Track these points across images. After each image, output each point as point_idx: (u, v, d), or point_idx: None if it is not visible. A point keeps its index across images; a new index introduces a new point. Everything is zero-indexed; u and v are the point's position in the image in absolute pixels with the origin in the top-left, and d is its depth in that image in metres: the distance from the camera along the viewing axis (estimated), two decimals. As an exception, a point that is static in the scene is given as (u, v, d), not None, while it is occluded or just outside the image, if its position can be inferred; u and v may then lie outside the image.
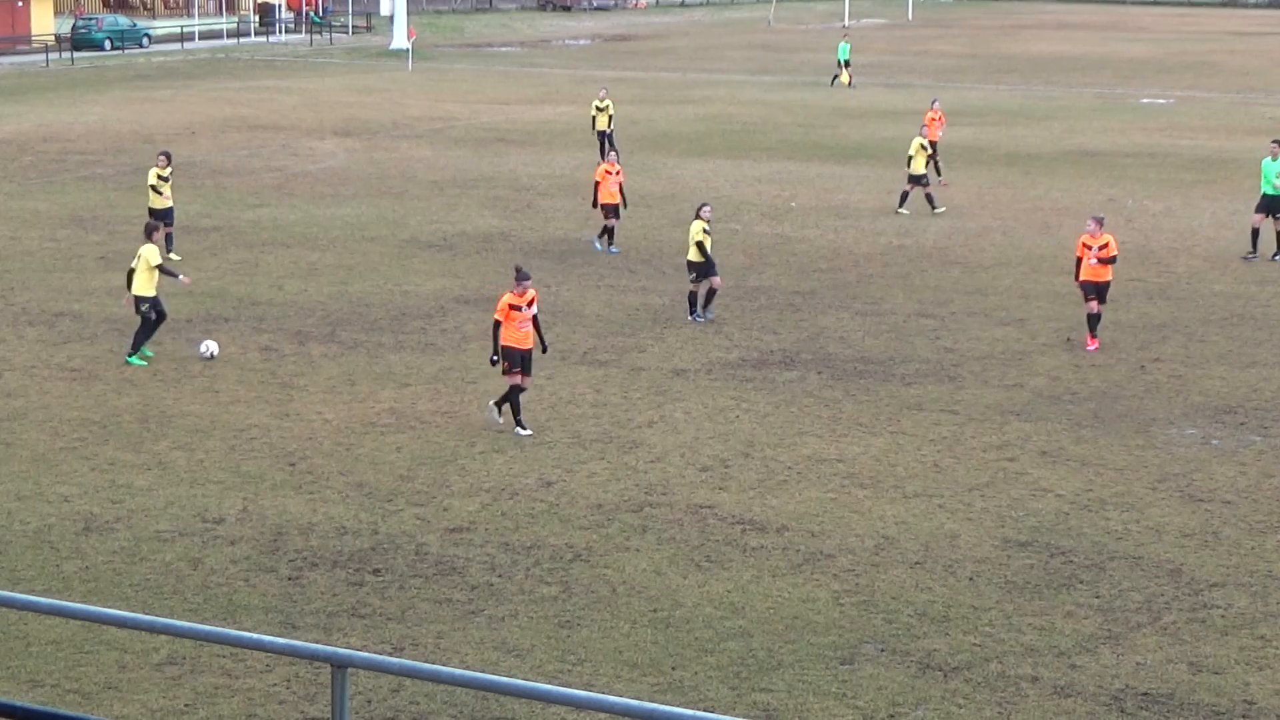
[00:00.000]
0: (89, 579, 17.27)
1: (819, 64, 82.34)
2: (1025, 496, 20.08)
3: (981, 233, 37.40)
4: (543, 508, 19.49)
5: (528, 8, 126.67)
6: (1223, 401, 24.22)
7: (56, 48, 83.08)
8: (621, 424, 22.78)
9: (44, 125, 55.32)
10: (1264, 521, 19.34)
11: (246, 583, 17.23)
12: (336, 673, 7.00)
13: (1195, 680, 15.24)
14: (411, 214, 39.00)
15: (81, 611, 8.01)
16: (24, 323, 28.28)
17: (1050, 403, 24.05)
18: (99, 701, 14.50)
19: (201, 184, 43.11)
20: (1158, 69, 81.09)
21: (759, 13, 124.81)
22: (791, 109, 62.31)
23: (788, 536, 18.64)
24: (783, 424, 22.81)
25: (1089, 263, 26.96)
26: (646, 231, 37.03)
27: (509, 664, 15.37)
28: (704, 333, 27.87)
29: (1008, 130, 55.91)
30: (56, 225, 37.19)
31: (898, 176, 45.27)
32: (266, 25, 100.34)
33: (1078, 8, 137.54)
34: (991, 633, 16.20)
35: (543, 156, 48.74)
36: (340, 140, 52.05)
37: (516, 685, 7.99)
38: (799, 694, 14.87)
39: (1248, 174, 46.11)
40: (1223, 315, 29.50)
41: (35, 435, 22.10)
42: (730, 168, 46.86)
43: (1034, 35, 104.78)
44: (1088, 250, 27.00)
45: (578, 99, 65.00)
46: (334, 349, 26.57)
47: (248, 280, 31.66)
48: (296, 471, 20.71)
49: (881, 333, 28.09)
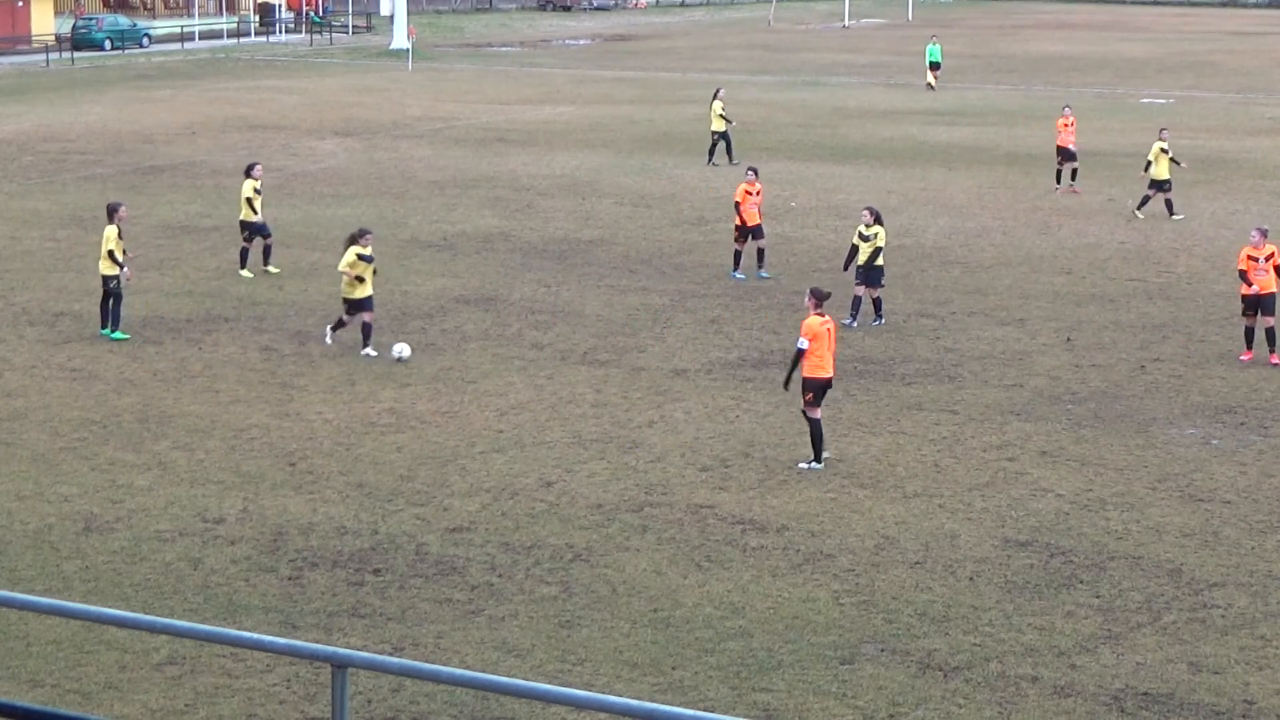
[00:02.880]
0: (89, 579, 17.27)
1: (819, 64, 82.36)
2: (1025, 496, 20.08)
3: (981, 233, 37.39)
4: (543, 508, 19.49)
5: (528, 8, 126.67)
6: (1223, 401, 24.22)
7: (57, 48, 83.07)
8: (621, 424, 22.78)
9: (44, 125, 55.32)
10: (1264, 521, 19.34)
11: (246, 583, 17.23)
12: (336, 673, 7.00)
13: (1195, 680, 15.24)
14: (411, 214, 39.00)
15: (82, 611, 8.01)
16: (24, 323, 28.29)
17: (1050, 403, 24.05)
18: (99, 701, 14.51)
19: (201, 184, 43.11)
20: (1158, 69, 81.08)
21: (759, 13, 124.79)
22: (791, 109, 62.30)
23: (788, 536, 18.64)
24: (783, 424, 22.80)
25: (1256, 275, 25.83)
26: (646, 231, 37.03)
27: (509, 664, 15.38)
28: (704, 333, 27.88)
29: (1008, 130, 55.90)
30: (56, 225, 37.18)
31: (898, 176, 45.32)
32: (266, 25, 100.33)
33: (1078, 8, 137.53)
34: (991, 633, 16.21)
35: (543, 156, 48.73)
36: (340, 140, 52.04)
37: (516, 685, 7.99)
38: (799, 694, 14.87)
39: (1248, 174, 46.17)
40: (1223, 315, 29.48)
41: (35, 435, 22.10)
42: (730, 168, 46.83)
43: (1034, 35, 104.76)
44: (1254, 263, 25.86)
45: (578, 99, 65.04)
46: (334, 349, 26.57)
47: (248, 280, 31.66)
48: (296, 471, 20.71)
49: (881, 333, 28.09)
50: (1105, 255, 34.81)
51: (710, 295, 30.72)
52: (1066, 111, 43.38)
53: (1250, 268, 25.99)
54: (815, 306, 20.97)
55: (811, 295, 21.19)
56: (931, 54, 70.61)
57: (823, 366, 20.81)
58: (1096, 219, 39.02)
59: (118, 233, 27.18)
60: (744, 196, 31.92)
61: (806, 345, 20.66)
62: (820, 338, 20.75)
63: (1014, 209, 40.48)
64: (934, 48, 70.88)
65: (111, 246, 27.01)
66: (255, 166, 32.53)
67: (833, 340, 21.07)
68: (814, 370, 20.78)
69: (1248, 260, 26.08)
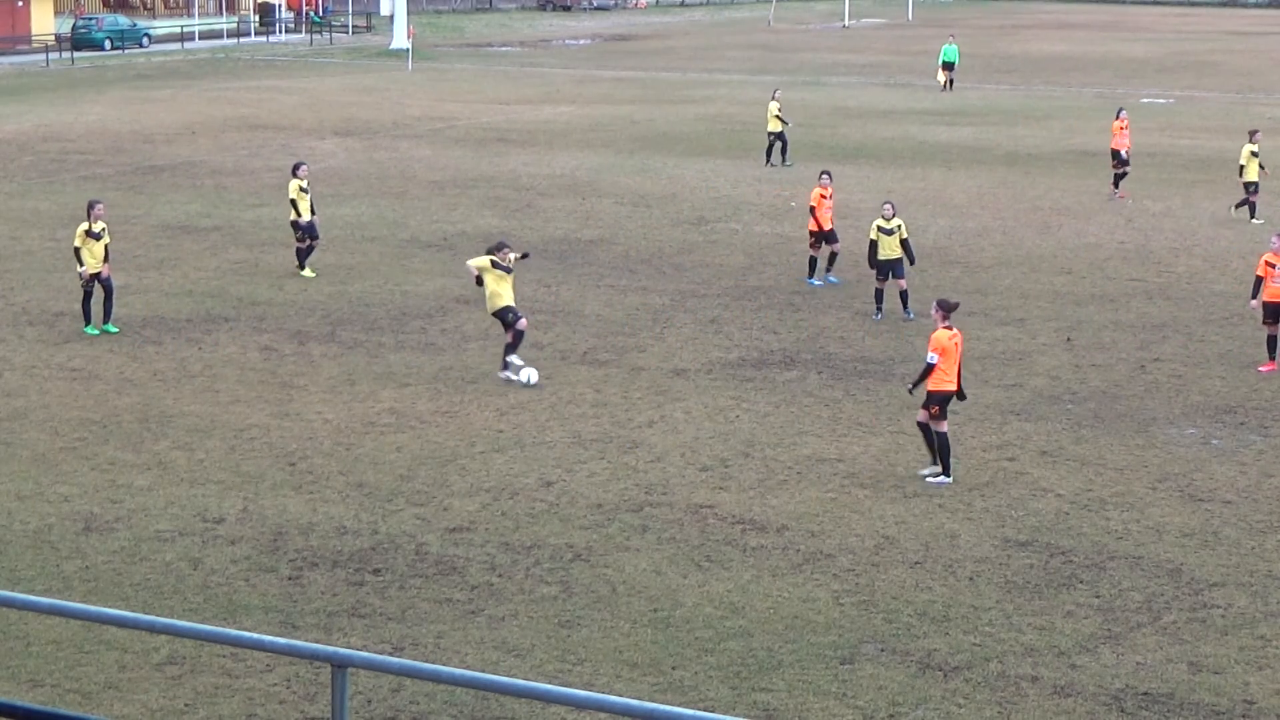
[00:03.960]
0: (89, 579, 17.27)
1: (819, 64, 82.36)
2: (1025, 496, 20.08)
3: (981, 233, 37.40)
4: (543, 508, 19.49)
5: (528, 8, 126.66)
6: (1223, 401, 24.22)
7: (56, 47, 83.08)
8: (621, 424, 22.78)
9: (44, 125, 55.32)
10: (1264, 521, 19.34)
11: (246, 583, 17.23)
12: (336, 673, 7.00)
13: (1195, 680, 15.24)
14: (411, 214, 39.00)
15: (82, 611, 8.01)
16: (24, 323, 28.29)
17: (1050, 403, 24.05)
18: (99, 701, 14.50)
19: (201, 184, 43.12)
20: (1158, 69, 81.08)
21: (759, 13, 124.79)
22: (791, 109, 62.23)
23: (788, 536, 18.64)
24: (783, 424, 22.81)
25: (1272, 283, 25.45)
26: (646, 231, 37.04)
27: (509, 664, 15.38)
28: (704, 333, 27.88)
29: (1008, 130, 55.91)
30: (56, 225, 37.17)
31: (898, 176, 45.32)
32: (266, 25, 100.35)
33: (1078, 8, 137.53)
34: (991, 633, 16.21)
35: (543, 156, 48.73)
36: (340, 140, 52.04)
37: (516, 685, 7.99)
38: (799, 694, 14.87)
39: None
40: (1223, 315, 29.49)
41: (35, 435, 22.10)
42: (730, 168, 46.86)
43: (1034, 35, 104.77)
44: (1271, 270, 25.45)
45: (578, 99, 65.04)
46: (334, 349, 26.57)
47: (248, 280, 31.67)
48: (296, 471, 20.71)
49: (881, 333, 28.10)
50: (1105, 255, 34.81)
51: (710, 295, 30.72)
52: (1122, 115, 42.54)
53: (1269, 274, 25.57)
54: (943, 319, 20.33)
55: (939, 307, 20.53)
56: (947, 54, 70.23)
57: (949, 380, 20.24)
58: (1096, 219, 39.02)
59: (86, 231, 27.25)
60: (819, 201, 31.38)
61: (936, 360, 20.11)
62: (948, 352, 20.14)
63: (1014, 209, 40.48)
64: (950, 48, 70.53)
65: (78, 244, 27.28)
66: (301, 166, 32.59)
67: (959, 353, 20.42)
68: (939, 383, 20.23)
69: (1266, 267, 25.64)
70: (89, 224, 27.29)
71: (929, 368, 20.25)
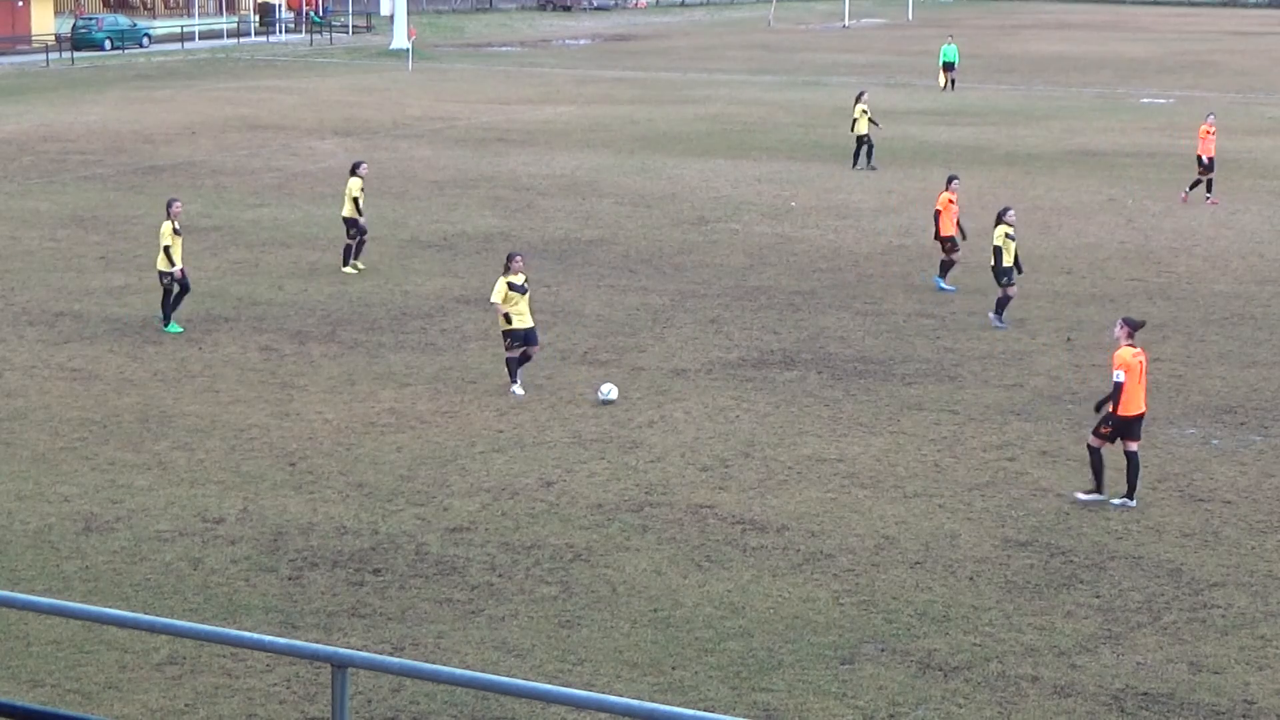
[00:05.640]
0: (89, 579, 17.27)
1: (819, 64, 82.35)
2: (1025, 496, 20.08)
3: (982, 233, 37.32)
4: (543, 508, 19.49)
5: (528, 8, 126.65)
6: (1223, 401, 24.21)
7: (57, 47, 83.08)
8: (621, 424, 22.78)
9: (44, 125, 55.33)
10: (1264, 521, 19.34)
11: (246, 583, 17.23)
12: (336, 673, 7.00)
13: (1195, 680, 15.24)
14: (411, 214, 39.01)
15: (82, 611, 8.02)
16: (24, 323, 28.29)
17: (1050, 403, 24.05)
18: (99, 701, 14.50)
19: (201, 184, 43.12)
20: (1158, 69, 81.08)
21: (759, 13, 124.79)
22: (791, 109, 62.30)
23: (788, 536, 18.64)
24: (783, 424, 22.81)
25: None
26: (646, 231, 37.03)
27: (509, 664, 15.38)
28: (704, 333, 27.88)
29: (1008, 130, 55.90)
30: (56, 225, 37.19)
31: (898, 176, 45.30)
32: (266, 25, 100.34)
33: (1078, 8, 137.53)
34: (991, 633, 16.21)
35: (543, 156, 48.73)
36: (340, 140, 52.04)
37: (516, 685, 7.99)
38: (799, 694, 14.87)
39: (1247, 174, 46.15)
40: (1223, 315, 29.49)
41: (35, 435, 22.10)
42: (730, 168, 46.86)
43: (1034, 35, 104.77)
44: None
45: (578, 99, 65.03)
46: (334, 349, 26.58)
47: (248, 280, 31.67)
48: (296, 471, 20.71)
49: (881, 333, 28.09)
50: (1105, 255, 34.81)
51: (710, 295, 30.72)
52: (1210, 119, 41.41)
53: None
54: (1128, 337, 19.53)
55: (1124, 324, 19.69)
56: (946, 54, 70.09)
57: (1134, 400, 19.44)
58: (1096, 219, 39.02)
59: (173, 229, 27.36)
60: (946, 205, 31.06)
61: (1124, 378, 19.25)
62: (1133, 370, 19.34)
63: (1014, 209, 40.37)
64: (949, 48, 70.36)
65: (168, 242, 27.30)
66: (361, 165, 32.76)
67: (1144, 373, 19.66)
68: (1127, 407, 19.45)
69: None
70: (172, 221, 27.36)
71: (1118, 387, 19.31)
